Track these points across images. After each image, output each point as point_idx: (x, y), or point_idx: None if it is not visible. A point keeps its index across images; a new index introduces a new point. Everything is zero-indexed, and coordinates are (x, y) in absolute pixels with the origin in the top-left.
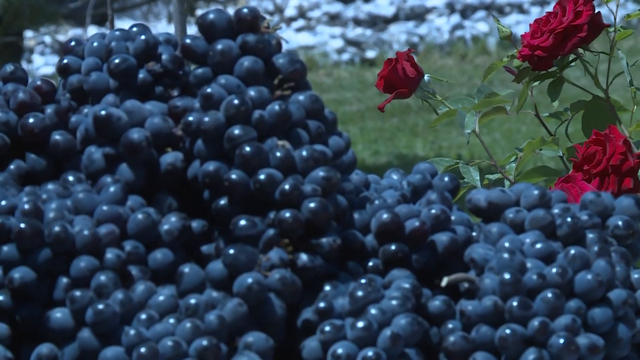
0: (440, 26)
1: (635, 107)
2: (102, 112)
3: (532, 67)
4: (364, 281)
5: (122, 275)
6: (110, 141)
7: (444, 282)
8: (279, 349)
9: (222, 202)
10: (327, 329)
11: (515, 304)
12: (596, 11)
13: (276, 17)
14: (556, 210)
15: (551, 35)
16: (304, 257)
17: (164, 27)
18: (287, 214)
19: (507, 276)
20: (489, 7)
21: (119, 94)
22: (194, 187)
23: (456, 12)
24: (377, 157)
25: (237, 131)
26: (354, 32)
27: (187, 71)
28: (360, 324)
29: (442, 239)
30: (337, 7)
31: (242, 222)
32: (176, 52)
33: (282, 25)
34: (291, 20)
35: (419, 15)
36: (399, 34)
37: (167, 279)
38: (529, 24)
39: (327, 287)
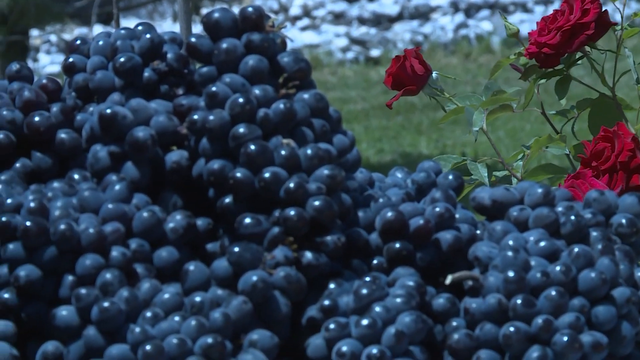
0: (444, 25)
1: None
2: (108, 111)
3: (539, 64)
4: (368, 279)
5: (128, 273)
6: (115, 139)
7: (448, 280)
8: (284, 346)
9: (227, 200)
10: (332, 326)
11: (519, 301)
12: (603, 9)
13: (281, 16)
14: (560, 208)
15: (559, 32)
16: (308, 255)
17: (169, 26)
18: (292, 212)
19: (511, 274)
20: (493, 6)
21: (124, 93)
22: (199, 186)
23: (460, 11)
24: (381, 156)
25: (242, 129)
26: (359, 31)
27: (192, 70)
28: (364, 322)
29: (446, 237)
30: (341, 6)
31: (247, 220)
32: (181, 50)
33: (287, 24)
34: (296, 19)
35: (423, 14)
36: (403, 33)
37: (172, 276)
38: (536, 22)
39: (331, 285)
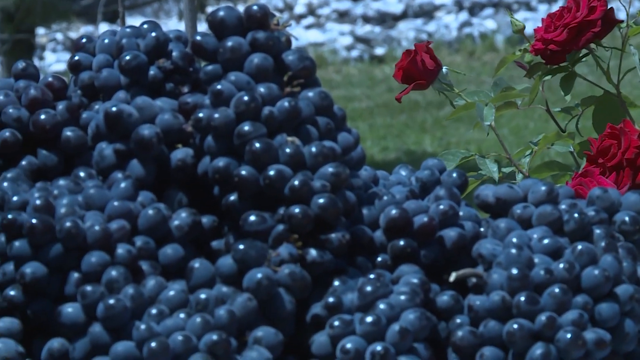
0: (448, 23)
1: None
2: (113, 109)
3: (544, 61)
4: (372, 276)
5: (133, 270)
6: (121, 137)
7: (452, 277)
8: (288, 343)
9: (232, 197)
10: (336, 323)
11: (522, 299)
12: (608, 7)
13: (286, 15)
14: (563, 206)
15: (565, 29)
16: (313, 253)
17: (174, 25)
18: (297, 210)
19: (514, 271)
20: (497, 5)
21: (129, 91)
22: (204, 183)
23: (464, 9)
24: (385, 153)
25: (247, 127)
26: (363, 29)
27: (198, 68)
28: (369, 319)
29: (450, 234)
30: (346, 5)
31: (252, 218)
32: (186, 49)
33: (292, 22)
34: (300, 17)
35: (428, 12)
36: (407, 31)
37: (178, 274)
38: (542, 18)
39: (336, 282)
